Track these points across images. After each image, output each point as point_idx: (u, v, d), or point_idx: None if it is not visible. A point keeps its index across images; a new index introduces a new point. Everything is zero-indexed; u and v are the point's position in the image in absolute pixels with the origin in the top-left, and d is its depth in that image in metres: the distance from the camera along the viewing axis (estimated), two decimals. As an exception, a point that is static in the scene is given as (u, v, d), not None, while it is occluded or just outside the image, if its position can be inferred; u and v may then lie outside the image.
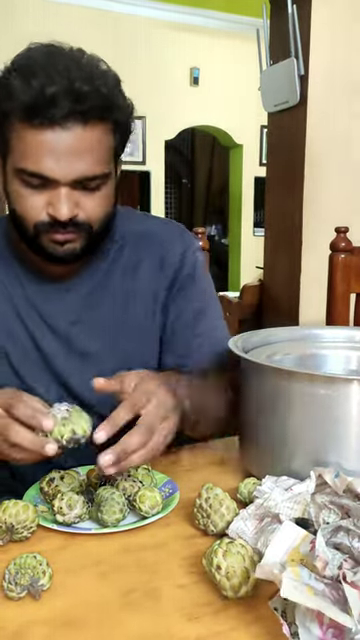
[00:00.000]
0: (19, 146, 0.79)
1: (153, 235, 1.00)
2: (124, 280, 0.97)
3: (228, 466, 0.91)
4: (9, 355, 0.94)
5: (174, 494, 0.78)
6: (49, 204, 0.80)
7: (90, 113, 0.77)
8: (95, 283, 0.96)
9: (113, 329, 0.96)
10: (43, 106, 0.74)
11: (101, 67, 0.81)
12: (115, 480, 0.77)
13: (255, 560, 0.58)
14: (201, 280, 1.02)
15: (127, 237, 0.99)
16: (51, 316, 0.94)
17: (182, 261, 0.99)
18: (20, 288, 0.94)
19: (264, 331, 0.97)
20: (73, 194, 0.80)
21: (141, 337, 0.98)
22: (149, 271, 0.98)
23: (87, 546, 0.69)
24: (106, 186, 0.84)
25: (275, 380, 0.77)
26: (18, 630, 0.55)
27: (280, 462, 0.78)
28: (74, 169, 0.78)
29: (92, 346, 0.95)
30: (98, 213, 0.84)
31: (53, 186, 0.79)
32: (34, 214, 0.81)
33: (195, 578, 0.62)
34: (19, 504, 0.69)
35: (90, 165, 0.79)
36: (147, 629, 0.55)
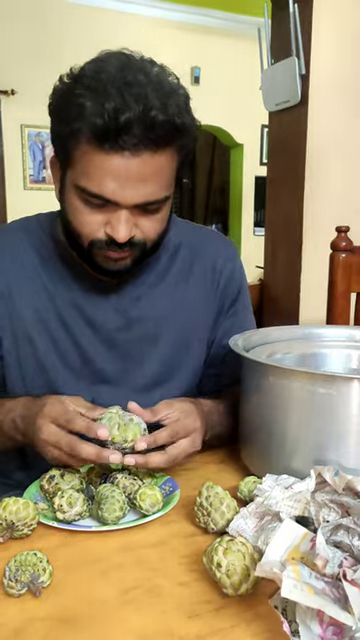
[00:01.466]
0: (83, 164, 0.76)
1: (205, 246, 1.00)
2: (175, 289, 0.97)
3: (228, 465, 0.91)
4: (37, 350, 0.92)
5: (174, 492, 0.78)
6: (107, 223, 0.79)
7: (160, 141, 0.75)
8: (145, 290, 0.95)
9: (159, 337, 0.96)
10: (115, 132, 0.72)
11: (172, 83, 0.78)
12: (115, 478, 0.77)
13: (255, 558, 0.58)
14: (246, 293, 1.04)
15: (181, 246, 0.98)
16: (97, 321, 0.92)
17: (232, 275, 1.01)
18: (66, 291, 0.92)
19: (264, 330, 0.97)
20: (132, 216, 0.79)
21: (187, 346, 0.98)
22: (200, 282, 0.98)
23: (87, 544, 0.69)
24: (166, 206, 0.83)
25: (275, 379, 0.77)
26: (18, 627, 0.55)
27: (280, 461, 0.78)
28: (137, 194, 0.77)
29: (137, 352, 0.95)
30: (154, 233, 0.83)
31: (113, 208, 0.78)
32: (91, 231, 0.80)
33: (195, 576, 0.62)
34: (19, 501, 0.69)
35: (154, 191, 0.78)
36: (148, 627, 0.55)
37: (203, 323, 0.99)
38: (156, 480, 0.81)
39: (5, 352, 0.92)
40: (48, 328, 0.91)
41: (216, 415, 0.89)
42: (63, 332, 0.92)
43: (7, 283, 0.91)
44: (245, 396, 0.85)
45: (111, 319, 0.93)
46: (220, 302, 1.00)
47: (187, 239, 0.99)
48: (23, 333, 0.91)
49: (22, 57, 4.92)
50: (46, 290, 0.91)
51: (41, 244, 0.93)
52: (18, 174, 5.18)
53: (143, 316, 0.94)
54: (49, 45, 4.84)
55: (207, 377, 1.01)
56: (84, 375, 0.93)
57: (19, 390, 0.91)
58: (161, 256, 0.95)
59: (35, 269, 0.92)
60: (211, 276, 0.99)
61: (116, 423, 0.73)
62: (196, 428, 0.79)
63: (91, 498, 0.75)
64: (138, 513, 0.74)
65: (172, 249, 0.97)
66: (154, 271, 0.95)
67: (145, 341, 0.94)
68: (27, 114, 5.09)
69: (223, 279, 1.00)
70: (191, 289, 0.97)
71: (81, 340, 0.92)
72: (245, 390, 0.85)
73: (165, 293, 0.96)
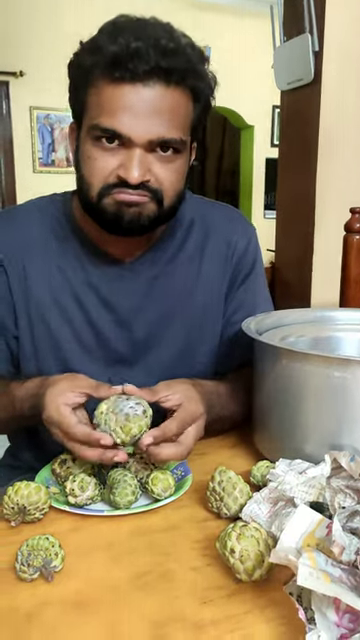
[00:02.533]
0: (96, 101, 0.76)
1: (219, 222, 0.98)
2: (190, 266, 0.95)
3: (240, 449, 0.90)
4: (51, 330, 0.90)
5: (186, 477, 0.77)
6: (120, 166, 0.77)
7: (173, 73, 0.73)
8: (160, 268, 0.93)
9: (176, 316, 0.94)
10: (126, 58, 0.71)
11: (187, 37, 0.78)
12: (127, 462, 0.76)
13: (269, 543, 0.58)
14: (261, 270, 1.02)
15: (195, 221, 0.96)
16: (112, 301, 0.91)
17: (246, 250, 0.98)
18: (80, 271, 0.90)
19: (277, 313, 0.96)
20: (146, 158, 0.76)
21: (203, 325, 0.96)
22: (214, 258, 0.96)
23: (99, 528, 0.68)
24: (180, 159, 0.80)
25: (289, 362, 0.75)
26: (31, 611, 0.55)
27: (293, 445, 0.77)
28: (151, 129, 0.75)
29: (154, 333, 0.93)
30: (170, 184, 0.80)
31: (126, 147, 0.76)
32: (102, 176, 0.78)
33: (208, 561, 0.62)
34: (31, 485, 0.68)
35: (168, 127, 0.75)
36: (160, 612, 0.54)
37: (218, 301, 0.97)
38: (168, 464, 0.80)
39: (20, 332, 0.91)
40: (63, 308, 0.90)
41: (216, 397, 0.87)
42: (78, 312, 0.91)
43: (22, 263, 0.90)
44: (258, 380, 0.83)
45: (126, 299, 0.91)
46: (232, 276, 0.98)
47: (201, 215, 0.97)
48: (38, 313, 0.90)
49: (30, 37, 4.86)
50: (61, 270, 0.90)
51: (56, 223, 0.92)
52: (27, 157, 5.15)
53: (159, 296, 0.93)
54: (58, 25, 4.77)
55: (217, 357, 1.00)
56: (100, 356, 0.92)
57: (33, 370, 0.91)
58: (176, 232, 0.93)
59: (50, 249, 0.91)
60: (225, 252, 0.97)
61: (117, 420, 0.69)
62: (201, 413, 0.77)
63: (103, 482, 0.75)
64: (150, 498, 0.73)
65: (186, 225, 0.95)
66: (169, 249, 0.93)
67: (161, 321, 0.93)
68: (36, 96, 5.05)
69: (237, 253, 0.97)
70: (206, 266, 0.95)
71: (96, 320, 0.91)
72: (258, 374, 0.83)
73: (180, 272, 0.94)
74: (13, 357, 0.94)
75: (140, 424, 0.70)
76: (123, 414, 0.70)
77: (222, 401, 0.88)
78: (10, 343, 0.93)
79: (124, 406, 0.71)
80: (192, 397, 0.77)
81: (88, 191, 0.80)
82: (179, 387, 0.77)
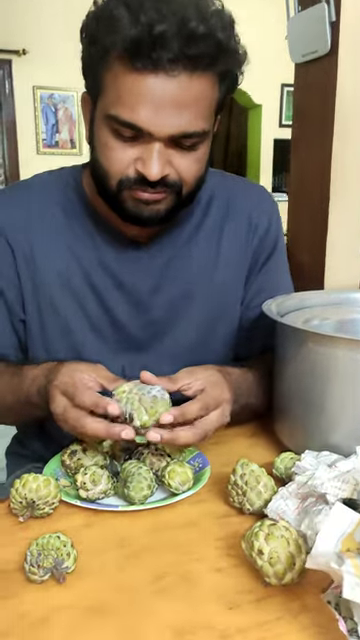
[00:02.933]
0: (114, 89, 0.69)
1: (239, 198, 0.92)
2: (208, 246, 0.89)
3: (260, 438, 0.85)
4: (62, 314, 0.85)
5: (204, 469, 0.73)
6: (139, 159, 0.71)
7: (200, 60, 0.66)
8: (177, 248, 0.87)
9: (194, 298, 0.88)
10: (149, 46, 0.64)
11: (216, 4, 0.70)
12: (142, 454, 0.71)
13: (300, 544, 0.53)
14: (283, 251, 0.96)
15: (214, 198, 0.90)
16: (127, 283, 0.85)
17: (268, 229, 0.93)
18: (93, 250, 0.85)
19: (299, 295, 0.90)
20: (166, 151, 0.71)
21: (222, 307, 0.91)
22: (234, 238, 0.90)
23: (113, 524, 0.64)
24: (203, 145, 0.74)
25: (314, 346, 0.70)
26: (42, 617, 0.50)
27: (318, 435, 0.72)
28: (172, 123, 0.68)
29: (171, 316, 0.88)
30: (191, 174, 0.75)
31: (146, 140, 0.70)
32: (120, 168, 0.72)
33: (233, 561, 0.57)
34: (40, 478, 0.64)
35: (191, 120, 0.69)
36: (182, 618, 0.50)
37: (237, 283, 0.92)
38: (184, 456, 0.75)
39: (28, 317, 0.86)
40: (74, 291, 0.85)
41: (244, 384, 0.82)
42: (90, 295, 0.85)
43: (29, 243, 0.84)
44: (280, 365, 0.78)
45: (142, 280, 0.86)
46: (253, 258, 0.92)
47: (220, 190, 0.91)
48: (47, 296, 0.85)
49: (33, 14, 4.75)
50: (71, 250, 0.85)
51: (66, 199, 0.86)
52: (31, 138, 5.06)
53: (176, 277, 0.87)
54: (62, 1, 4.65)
55: (236, 342, 0.94)
56: (113, 341, 0.87)
57: (42, 357, 0.86)
58: (194, 210, 0.87)
59: (59, 227, 0.85)
60: (246, 231, 0.91)
61: (143, 400, 0.65)
62: (225, 399, 0.72)
63: (115, 474, 0.70)
64: (166, 491, 0.68)
65: (204, 202, 0.89)
66: (186, 228, 0.88)
67: (178, 304, 0.88)
68: (39, 75, 4.95)
69: (258, 233, 0.91)
70: (225, 246, 0.90)
71: (110, 303, 0.86)
72: (280, 359, 0.78)
73: (198, 251, 0.88)
74: (21, 343, 0.89)
75: (167, 409, 0.65)
76: (150, 395, 0.65)
77: (251, 389, 0.83)
78: (18, 328, 0.88)
79: (151, 389, 0.66)
80: (217, 382, 0.72)
81: (105, 179, 0.75)
82: (203, 373, 0.72)
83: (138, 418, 0.64)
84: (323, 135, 1.96)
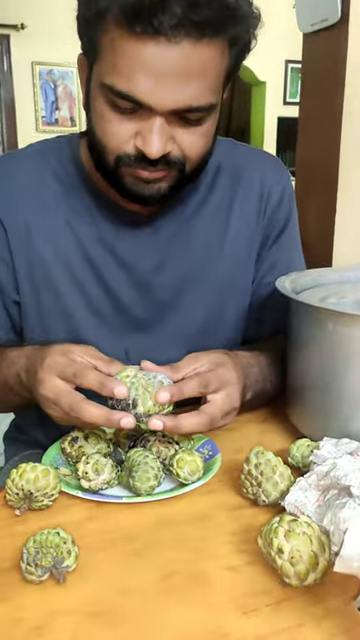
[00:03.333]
0: (110, 55, 0.62)
1: (249, 167, 0.85)
2: (216, 220, 0.83)
3: (272, 424, 0.80)
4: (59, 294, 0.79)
5: (215, 457, 0.68)
6: (138, 134, 0.65)
7: (207, 25, 0.59)
8: (182, 224, 0.81)
9: (201, 277, 0.83)
10: (149, 9, 0.57)
11: None
12: (148, 441, 0.66)
13: (324, 541, 0.48)
14: (295, 225, 0.90)
15: (222, 169, 0.84)
16: (129, 260, 0.80)
17: (281, 201, 0.86)
18: (92, 226, 0.79)
19: (314, 271, 0.85)
20: (169, 126, 0.64)
21: (231, 286, 0.85)
22: (245, 211, 0.84)
23: (117, 518, 0.59)
24: (210, 119, 0.67)
25: (336, 326, 0.65)
26: (40, 623, 0.46)
27: (337, 421, 0.67)
28: (175, 97, 0.61)
29: (176, 295, 0.82)
30: (196, 151, 0.68)
31: (145, 114, 0.63)
32: (118, 144, 0.66)
33: (248, 559, 0.52)
34: (38, 468, 0.59)
35: (196, 93, 0.62)
36: (194, 624, 0.45)
37: (248, 259, 0.86)
38: (193, 443, 0.70)
39: (23, 298, 0.80)
40: (72, 270, 0.79)
41: (257, 368, 0.77)
42: (90, 274, 0.79)
43: (24, 218, 0.78)
44: (295, 347, 0.73)
45: (145, 258, 0.80)
46: (265, 233, 0.86)
47: (228, 159, 0.84)
48: (43, 276, 0.79)
49: (31, -13, 4.62)
50: (69, 225, 0.79)
51: (62, 170, 0.80)
52: (30, 115, 4.96)
53: (181, 254, 0.81)
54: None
55: (246, 323, 0.89)
56: (115, 323, 0.81)
57: (39, 340, 0.80)
58: (200, 182, 0.81)
59: (56, 200, 0.79)
60: (257, 202, 0.84)
61: (149, 385, 0.60)
62: (231, 380, 0.66)
63: (119, 463, 0.65)
64: (174, 482, 0.64)
65: (212, 173, 0.83)
66: (192, 201, 0.81)
67: (184, 282, 0.82)
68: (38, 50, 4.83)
69: (270, 206, 0.85)
70: (234, 219, 0.83)
71: (111, 283, 0.80)
72: (295, 340, 0.73)
73: (205, 226, 0.82)
74: (15, 325, 0.84)
75: None
76: (157, 380, 0.60)
77: (264, 373, 0.77)
78: (10, 309, 0.82)
79: (156, 374, 0.61)
80: (222, 362, 0.66)
81: (102, 153, 0.69)
82: (208, 357, 0.67)
83: (142, 404, 0.59)
84: (332, 112, 1.89)
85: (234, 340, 0.87)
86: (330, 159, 1.98)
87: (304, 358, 0.71)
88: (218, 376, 0.64)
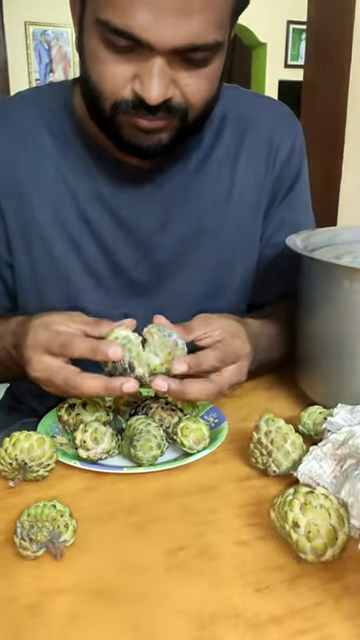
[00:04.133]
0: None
1: (258, 116, 0.79)
2: (221, 174, 0.77)
3: (280, 390, 0.77)
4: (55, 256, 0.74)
5: (221, 425, 0.64)
6: (136, 77, 0.59)
7: None
8: (185, 179, 0.75)
9: (205, 236, 0.77)
10: None
11: None
12: (150, 408, 0.62)
13: (342, 514, 0.44)
14: (306, 179, 0.85)
15: (228, 118, 0.77)
16: (128, 219, 0.74)
17: (291, 155, 0.80)
18: (89, 182, 0.73)
19: (327, 230, 0.79)
20: (170, 67, 0.58)
21: (237, 245, 0.80)
22: (251, 165, 0.78)
23: (118, 488, 0.55)
24: (216, 60, 0.61)
25: (352, 285, 0.60)
26: (35, 601, 0.42)
27: (352, 387, 0.63)
28: (177, 33, 0.55)
29: (179, 256, 0.77)
30: (199, 97, 0.62)
31: (144, 54, 0.57)
32: (114, 88, 0.60)
33: (258, 532, 0.49)
34: (32, 437, 0.55)
35: (200, 29, 0.56)
36: (203, 602, 0.42)
37: (255, 217, 0.80)
38: (198, 410, 0.66)
39: (16, 259, 0.75)
40: (67, 229, 0.74)
41: (265, 338, 0.73)
42: (87, 234, 0.74)
43: (16, 174, 0.72)
44: (307, 308, 0.68)
45: (145, 217, 0.74)
46: (274, 188, 0.80)
47: (235, 108, 0.78)
48: (38, 236, 0.73)
49: None
50: (64, 181, 0.73)
51: (55, 120, 0.73)
52: (23, 78, 4.81)
53: (183, 213, 0.75)
54: None
55: (253, 285, 0.84)
56: (113, 287, 0.76)
57: (34, 306, 0.75)
58: (204, 133, 0.75)
59: (49, 154, 0.73)
60: (266, 154, 0.79)
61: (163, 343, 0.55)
62: (246, 354, 0.62)
63: (119, 431, 0.61)
64: (179, 451, 0.60)
65: (217, 123, 0.76)
66: (196, 154, 0.75)
67: (188, 242, 0.77)
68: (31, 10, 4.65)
69: (280, 158, 0.79)
70: (241, 174, 0.78)
71: (109, 244, 0.74)
72: (308, 301, 0.68)
73: (209, 182, 0.76)
74: (9, 289, 0.79)
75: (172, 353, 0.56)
76: (172, 340, 0.55)
77: (272, 343, 0.74)
78: (4, 273, 0.77)
79: (171, 333, 0.56)
80: (237, 333, 0.62)
81: (98, 100, 0.62)
82: (220, 321, 0.62)
83: (139, 365, 0.55)
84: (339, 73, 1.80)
85: (239, 304, 0.82)
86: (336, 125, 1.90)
87: (317, 320, 0.67)
88: (234, 349, 0.61)
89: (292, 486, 0.47)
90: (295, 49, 5.47)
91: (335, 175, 1.97)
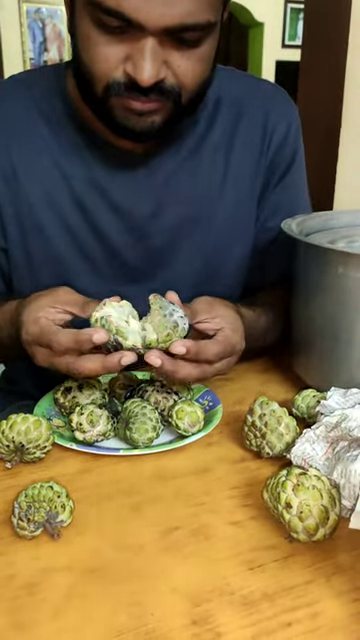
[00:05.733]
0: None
1: (253, 99, 0.78)
2: (215, 158, 0.76)
3: (274, 374, 0.77)
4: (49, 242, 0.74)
5: (215, 408, 0.65)
6: (128, 58, 0.58)
7: None
8: (179, 163, 0.75)
9: (200, 220, 0.77)
10: None
11: None
12: (145, 391, 0.63)
13: (334, 495, 0.45)
14: (301, 163, 0.84)
15: (222, 101, 0.77)
16: (123, 204, 0.73)
17: (286, 137, 0.80)
18: (82, 166, 0.72)
19: (323, 214, 0.80)
20: (162, 48, 0.58)
21: (232, 230, 0.79)
22: (246, 148, 0.78)
23: (114, 470, 0.56)
24: (209, 40, 0.60)
25: (347, 270, 0.61)
26: (33, 580, 0.43)
27: (345, 371, 0.64)
28: (169, 12, 0.54)
29: (174, 241, 0.77)
30: (192, 78, 0.61)
31: (136, 34, 0.56)
32: (106, 69, 0.59)
33: (252, 513, 0.50)
34: (29, 419, 0.56)
35: (191, 8, 0.55)
36: (198, 581, 0.43)
37: (250, 201, 0.80)
38: (193, 393, 0.67)
39: (11, 244, 0.75)
40: (61, 214, 0.73)
41: (258, 330, 0.74)
42: (81, 219, 0.73)
43: (10, 160, 0.71)
44: (302, 292, 0.69)
45: (140, 202, 0.74)
46: (269, 171, 0.80)
47: (229, 91, 0.77)
48: (32, 221, 0.73)
49: None
50: (58, 166, 0.72)
51: (48, 104, 0.72)
52: (17, 58, 4.73)
53: (179, 197, 0.75)
54: None
55: (248, 270, 0.84)
56: (108, 272, 0.76)
57: (28, 290, 0.75)
58: (198, 117, 0.74)
59: (42, 138, 0.72)
60: (260, 137, 0.78)
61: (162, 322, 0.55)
62: (239, 350, 0.63)
63: (115, 414, 0.62)
64: (174, 433, 0.61)
65: (211, 106, 0.76)
66: (190, 137, 0.75)
67: (182, 227, 0.76)
68: (24, -14, 4.56)
69: (275, 141, 0.79)
70: (236, 158, 0.77)
71: (103, 229, 0.74)
72: (302, 285, 0.68)
73: (204, 165, 0.76)
74: (4, 274, 0.78)
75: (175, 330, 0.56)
76: (172, 320, 0.55)
77: (264, 334, 0.75)
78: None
79: (173, 311, 0.56)
80: (237, 328, 0.63)
81: (90, 81, 0.62)
82: (223, 311, 0.63)
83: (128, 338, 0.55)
84: (336, 57, 1.78)
85: (234, 289, 0.83)
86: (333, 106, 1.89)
87: (311, 304, 0.67)
88: (232, 345, 0.62)
89: (285, 468, 0.48)
90: (293, 29, 5.40)
91: (332, 157, 1.96)
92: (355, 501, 0.44)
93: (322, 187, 1.96)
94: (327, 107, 1.92)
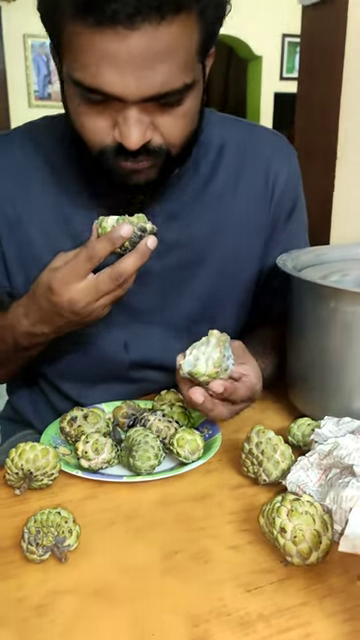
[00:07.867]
0: (72, 49, 0.58)
1: (255, 146, 0.82)
2: (220, 203, 0.79)
3: (271, 403, 0.80)
4: None
5: (215, 436, 0.68)
6: (115, 125, 0.62)
7: (166, 5, 0.54)
8: (182, 206, 0.78)
9: (201, 264, 0.80)
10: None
11: None
12: (147, 420, 0.66)
13: (326, 520, 0.48)
14: (303, 206, 0.88)
15: (225, 148, 0.80)
16: None
17: (288, 181, 0.83)
18: (84, 210, 0.75)
19: (314, 249, 0.83)
20: (146, 113, 0.61)
21: (236, 275, 0.82)
22: (250, 194, 0.81)
23: (118, 496, 0.59)
24: (191, 96, 0.63)
25: (338, 304, 0.64)
26: (41, 602, 0.45)
27: (338, 400, 0.67)
28: (144, 84, 0.58)
29: (174, 285, 0.79)
30: (177, 134, 0.64)
31: (119, 105, 0.60)
32: (97, 138, 0.63)
33: (249, 537, 0.52)
34: (37, 448, 0.58)
35: (164, 78, 0.58)
36: (197, 602, 0.45)
37: (254, 244, 0.83)
38: (193, 422, 0.70)
39: (16, 290, 0.78)
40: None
41: (266, 372, 0.76)
42: None
43: (14, 207, 0.75)
44: (297, 325, 0.72)
45: None
46: (274, 216, 0.83)
47: (232, 138, 0.81)
48: (36, 265, 0.76)
49: None
50: (61, 210, 0.76)
51: (52, 152, 0.76)
52: (22, 90, 4.85)
53: (181, 239, 0.78)
54: None
55: (256, 308, 0.87)
56: (113, 312, 0.79)
57: None
58: (200, 162, 0.78)
59: (46, 185, 0.76)
60: (264, 183, 0.81)
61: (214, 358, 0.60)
62: (257, 397, 0.68)
63: (119, 442, 0.65)
64: (175, 461, 0.64)
65: (214, 152, 0.79)
66: (192, 182, 0.78)
67: (184, 270, 0.79)
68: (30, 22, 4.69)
69: (279, 186, 0.82)
70: (239, 202, 0.80)
71: None
72: (297, 318, 0.72)
73: (207, 209, 0.79)
74: None
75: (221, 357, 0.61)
76: (226, 363, 0.61)
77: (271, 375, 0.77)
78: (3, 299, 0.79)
79: (230, 356, 0.62)
80: (259, 376, 0.68)
81: (84, 147, 0.66)
82: (250, 358, 0.68)
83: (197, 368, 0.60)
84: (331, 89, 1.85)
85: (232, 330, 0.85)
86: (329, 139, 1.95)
87: (305, 337, 0.70)
88: (255, 392, 0.67)
89: (280, 494, 0.50)
90: (290, 62, 5.55)
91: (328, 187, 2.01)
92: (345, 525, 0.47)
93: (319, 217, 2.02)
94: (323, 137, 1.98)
